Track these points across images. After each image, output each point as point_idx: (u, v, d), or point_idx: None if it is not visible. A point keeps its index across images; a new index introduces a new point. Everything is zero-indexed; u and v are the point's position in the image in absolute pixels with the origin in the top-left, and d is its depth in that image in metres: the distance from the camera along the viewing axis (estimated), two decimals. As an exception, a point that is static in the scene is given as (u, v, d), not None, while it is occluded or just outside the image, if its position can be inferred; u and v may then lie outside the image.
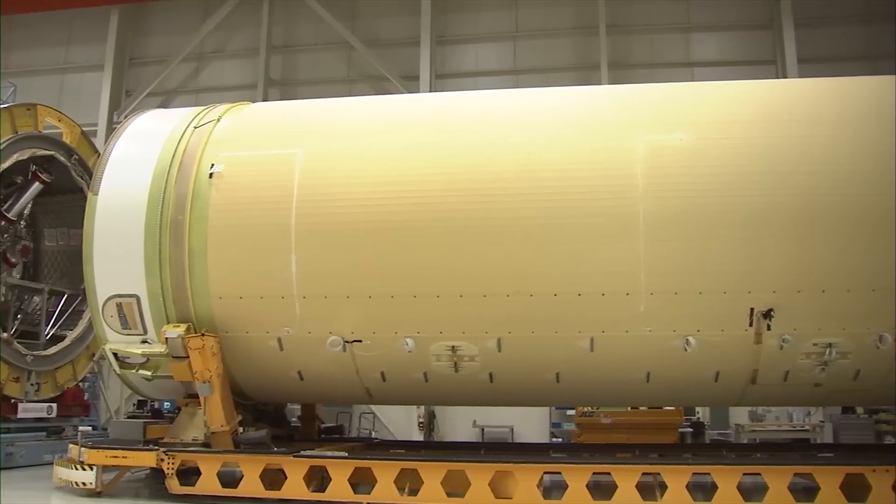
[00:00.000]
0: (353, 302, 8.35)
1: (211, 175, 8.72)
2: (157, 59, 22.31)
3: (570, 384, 8.72)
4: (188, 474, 8.46)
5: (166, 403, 12.64)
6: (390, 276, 8.24)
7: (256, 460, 8.31)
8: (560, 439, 16.72)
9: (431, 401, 14.65)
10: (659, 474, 7.74)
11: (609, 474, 7.74)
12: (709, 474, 7.68)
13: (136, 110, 12.39)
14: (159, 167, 8.94)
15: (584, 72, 20.06)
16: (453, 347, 8.37)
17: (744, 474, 7.66)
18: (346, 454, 8.38)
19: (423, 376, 8.71)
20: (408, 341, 8.31)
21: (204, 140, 9.06)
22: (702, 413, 16.57)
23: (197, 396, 8.71)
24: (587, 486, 7.66)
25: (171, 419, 9.95)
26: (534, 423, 17.82)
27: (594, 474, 7.78)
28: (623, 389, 8.99)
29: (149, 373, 9.01)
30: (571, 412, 15.80)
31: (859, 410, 14.30)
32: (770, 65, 19.50)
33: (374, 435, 17.45)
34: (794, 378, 8.22)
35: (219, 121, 9.33)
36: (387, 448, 10.68)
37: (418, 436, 18.20)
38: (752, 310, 7.85)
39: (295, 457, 8.27)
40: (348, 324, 8.44)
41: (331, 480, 8.10)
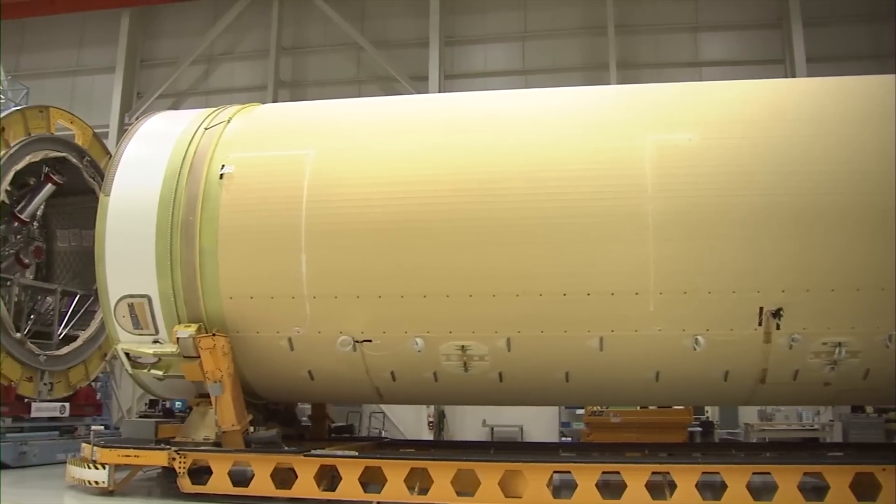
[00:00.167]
0: (363, 302, 8.38)
1: (221, 176, 8.77)
2: (168, 61, 22.43)
3: (579, 383, 8.72)
4: (199, 473, 8.51)
5: (178, 403, 12.72)
6: (400, 276, 8.26)
7: (267, 459, 8.36)
8: (569, 438, 16.72)
9: (441, 400, 14.68)
10: (668, 473, 7.74)
11: (618, 473, 7.74)
12: (718, 473, 7.69)
13: (148, 112, 12.47)
14: (170, 168, 9.00)
15: (592, 72, 20.05)
16: (463, 347, 8.39)
17: (753, 473, 7.65)
18: (357, 453, 8.40)
19: (432, 376, 8.74)
20: (418, 341, 8.34)
21: (214, 141, 9.11)
22: (711, 412, 16.51)
23: (208, 396, 8.76)
24: (597, 485, 7.67)
25: (182, 419, 10.02)
26: (543, 423, 17.83)
27: (604, 473, 7.78)
28: (632, 389, 8.99)
29: (160, 372, 9.07)
30: (581, 411, 15.78)
31: (869, 409, 14.22)
32: (779, 64, 19.43)
33: (384, 434, 17.51)
34: (804, 377, 8.21)
35: (229, 122, 9.39)
36: (397, 447, 10.73)
37: (428, 435, 18.23)
38: (761, 309, 7.84)
39: (305, 456, 8.31)
40: (358, 324, 8.48)
41: (341, 479, 8.13)
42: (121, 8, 22.19)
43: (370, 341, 8.51)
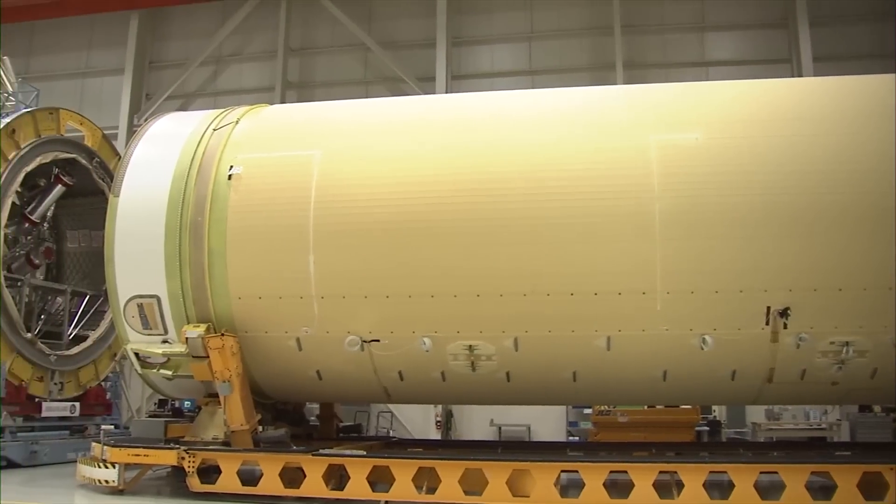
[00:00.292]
0: (370, 302, 8.41)
1: (230, 177, 8.81)
2: (177, 62, 22.53)
3: (586, 383, 8.74)
4: (209, 472, 8.55)
5: (187, 402, 12.76)
6: (408, 276, 8.30)
7: (276, 459, 8.39)
8: (577, 438, 16.69)
9: (449, 400, 14.70)
10: (676, 473, 7.75)
11: (626, 473, 7.75)
12: (726, 473, 7.69)
13: (156, 113, 12.55)
14: (179, 169, 9.05)
15: (599, 72, 20.04)
16: (470, 347, 8.41)
17: (761, 473, 7.65)
18: (365, 453, 8.43)
19: (440, 375, 8.76)
20: (425, 341, 8.37)
21: (223, 142, 9.16)
22: (718, 411, 16.50)
23: (217, 395, 8.81)
24: (604, 484, 7.67)
25: (191, 418, 10.06)
26: (550, 422, 17.81)
27: (611, 473, 7.78)
28: (640, 388, 8.99)
29: (169, 372, 9.13)
30: (588, 411, 15.78)
31: (876, 409, 14.14)
32: (785, 64, 19.39)
33: (391, 434, 17.53)
34: (811, 376, 8.21)
35: (237, 123, 9.43)
36: (405, 447, 10.76)
37: (436, 434, 18.23)
38: (768, 308, 7.85)
39: (314, 455, 8.34)
40: (366, 323, 8.51)
41: (349, 479, 8.15)
42: (129, 10, 22.30)
43: (378, 341, 8.54)
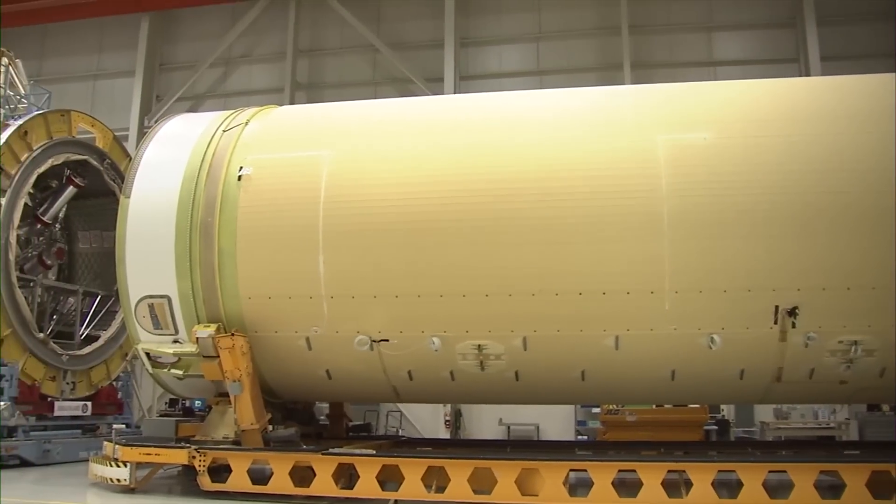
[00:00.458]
0: (380, 301, 8.45)
1: (239, 178, 8.86)
2: (187, 64, 22.63)
3: (595, 382, 8.76)
4: (219, 471, 8.60)
5: (197, 402, 12.86)
6: (417, 276, 8.33)
7: (286, 458, 8.42)
8: (585, 437, 16.70)
9: (458, 399, 14.73)
10: (684, 472, 7.76)
11: (634, 472, 7.76)
12: (734, 472, 7.69)
13: (167, 115, 12.64)
14: (189, 170, 9.11)
15: (607, 72, 20.03)
16: (479, 346, 8.44)
17: (769, 472, 7.64)
18: (374, 452, 8.47)
19: (449, 375, 8.80)
20: (434, 340, 8.40)
21: (232, 143, 9.21)
22: (727, 411, 16.47)
23: (227, 395, 8.86)
24: (613, 483, 7.69)
25: (202, 417, 10.13)
26: (559, 421, 17.82)
27: (620, 472, 7.80)
28: (648, 387, 9.00)
29: (180, 372, 9.19)
30: (597, 410, 15.76)
31: (885, 408, 14.13)
32: (793, 63, 19.33)
33: (401, 433, 17.55)
34: (820, 375, 8.21)
35: (247, 124, 9.49)
36: (414, 446, 10.81)
37: (445, 434, 18.27)
38: (776, 307, 7.85)
39: (324, 454, 8.38)
40: (376, 323, 8.55)
41: (359, 478, 8.19)
42: (140, 13, 22.43)
43: (387, 341, 8.58)
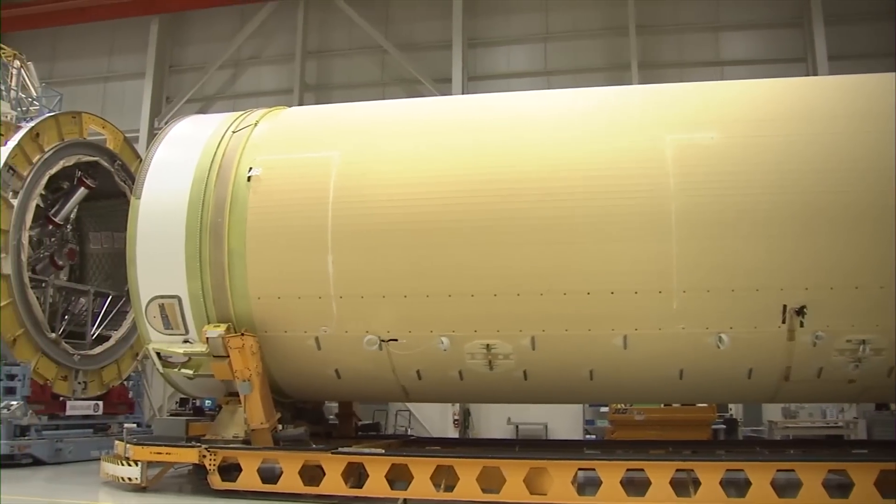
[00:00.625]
0: (388, 301, 8.48)
1: (249, 178, 8.91)
2: (196, 66, 22.76)
3: (603, 381, 8.77)
4: (229, 470, 8.64)
5: (207, 401, 12.88)
6: (425, 276, 8.36)
7: (295, 457, 8.46)
8: (594, 436, 16.71)
9: (466, 398, 14.74)
10: (692, 471, 7.77)
11: (643, 471, 7.77)
12: (742, 471, 7.69)
13: (176, 116, 12.72)
14: (199, 171, 9.16)
15: (614, 72, 20.03)
16: (488, 346, 8.46)
17: (777, 471, 7.64)
18: (383, 451, 8.50)
19: (458, 374, 8.82)
20: (443, 340, 8.43)
21: (242, 144, 9.26)
22: (735, 410, 16.45)
23: (237, 394, 8.90)
24: (621, 482, 7.70)
25: (212, 417, 10.15)
26: (567, 420, 17.84)
27: (628, 471, 7.82)
28: (656, 386, 9.00)
29: (190, 371, 9.25)
30: (605, 409, 15.77)
31: (893, 406, 14.08)
32: (800, 63, 19.29)
33: (410, 432, 17.60)
34: (828, 375, 8.20)
35: (256, 125, 9.54)
36: (423, 445, 10.84)
37: (453, 433, 18.31)
38: (784, 307, 7.84)
39: (333, 454, 8.40)
40: (384, 323, 8.58)
41: (368, 477, 8.22)
42: (150, 15, 22.55)
43: (396, 340, 8.61)
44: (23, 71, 15.60)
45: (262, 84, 22.68)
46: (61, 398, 12.48)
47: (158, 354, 9.27)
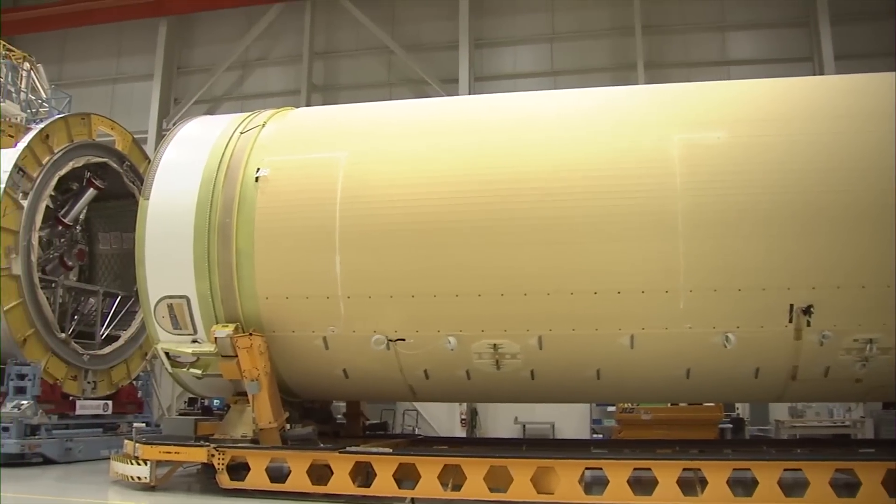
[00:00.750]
0: (396, 301, 8.50)
1: (257, 179, 8.94)
2: (204, 67, 22.88)
3: (610, 381, 8.77)
4: (238, 469, 8.68)
5: (216, 401, 12.91)
6: (432, 276, 8.37)
7: (303, 456, 8.50)
8: (601, 435, 16.71)
9: (474, 398, 14.72)
10: (699, 470, 7.78)
11: (650, 470, 7.78)
12: (749, 470, 7.70)
13: (185, 117, 12.75)
14: (207, 172, 9.20)
15: (620, 72, 20.05)
16: (495, 345, 8.47)
17: (784, 470, 7.64)
18: (391, 450, 8.53)
19: (465, 374, 8.84)
20: (450, 339, 8.44)
21: (250, 145, 9.30)
22: (741, 409, 16.44)
23: (245, 394, 8.94)
24: (628, 481, 7.72)
25: (220, 416, 10.19)
26: (574, 420, 17.87)
27: (635, 470, 7.82)
28: (663, 386, 8.99)
29: (199, 371, 9.28)
30: (612, 408, 15.78)
31: (900, 406, 14.07)
32: (807, 62, 19.28)
33: (417, 431, 17.64)
34: (835, 374, 8.18)
35: (264, 126, 9.58)
36: (430, 444, 10.84)
37: (461, 432, 18.36)
38: (791, 306, 7.83)
39: (341, 453, 8.44)
40: (392, 323, 8.60)
41: (376, 476, 8.27)
42: (158, 17, 22.66)
43: (403, 340, 8.63)
44: (32, 73, 15.73)
45: (269, 85, 22.78)
46: (71, 398, 12.56)
47: (167, 354, 9.31)
